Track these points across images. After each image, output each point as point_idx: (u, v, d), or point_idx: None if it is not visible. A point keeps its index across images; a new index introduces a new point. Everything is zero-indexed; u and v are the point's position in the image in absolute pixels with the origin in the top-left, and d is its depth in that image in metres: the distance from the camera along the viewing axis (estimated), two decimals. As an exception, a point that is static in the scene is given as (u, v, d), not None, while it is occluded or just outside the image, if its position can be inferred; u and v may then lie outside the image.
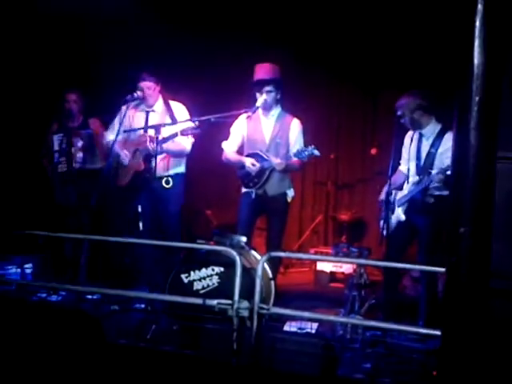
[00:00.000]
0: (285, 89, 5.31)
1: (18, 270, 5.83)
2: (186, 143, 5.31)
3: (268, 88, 5.15)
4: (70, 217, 5.95)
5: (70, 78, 6.53)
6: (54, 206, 6.00)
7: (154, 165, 5.03)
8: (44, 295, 5.24)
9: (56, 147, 5.86)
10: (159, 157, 5.20)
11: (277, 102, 5.27)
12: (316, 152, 4.94)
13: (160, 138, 5.04)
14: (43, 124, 6.22)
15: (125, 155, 5.33)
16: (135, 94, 5.20)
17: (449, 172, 4.39)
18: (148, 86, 5.30)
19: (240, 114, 5.28)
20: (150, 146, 5.05)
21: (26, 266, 5.88)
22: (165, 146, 5.15)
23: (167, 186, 5.29)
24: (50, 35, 6.70)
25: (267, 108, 5.23)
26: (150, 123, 5.31)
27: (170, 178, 5.31)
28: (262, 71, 5.22)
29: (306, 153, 4.96)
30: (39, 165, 6.17)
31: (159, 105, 5.42)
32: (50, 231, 4.90)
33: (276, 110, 5.30)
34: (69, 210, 5.93)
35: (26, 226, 4.91)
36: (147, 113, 5.39)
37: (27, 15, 6.55)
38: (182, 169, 5.46)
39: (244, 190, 5.33)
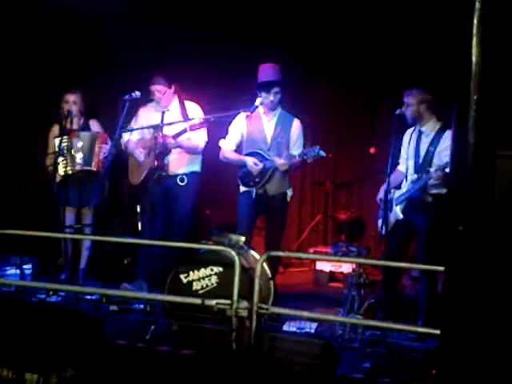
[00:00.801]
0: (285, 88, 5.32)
1: (17, 270, 5.83)
2: (199, 140, 5.44)
3: (276, 89, 5.17)
4: (72, 217, 5.94)
5: (69, 79, 6.53)
6: (55, 207, 5.98)
7: (167, 162, 5.28)
8: (43, 296, 5.24)
9: (57, 149, 5.85)
10: (174, 153, 5.36)
11: (279, 101, 5.28)
12: (322, 153, 4.95)
13: (171, 134, 5.24)
14: (43, 125, 6.22)
15: (139, 152, 5.45)
16: (133, 94, 5.21)
17: (447, 169, 4.41)
18: (158, 90, 5.43)
19: (239, 113, 5.28)
20: (168, 141, 5.22)
21: (25, 266, 5.87)
22: (180, 141, 5.32)
23: (182, 184, 5.38)
24: (51, 36, 6.71)
25: (272, 108, 5.24)
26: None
27: (184, 176, 5.37)
28: (270, 73, 5.22)
29: (312, 153, 4.95)
30: (40, 166, 6.17)
31: (174, 105, 5.54)
32: (51, 232, 4.90)
33: (278, 110, 5.31)
34: (70, 211, 5.92)
35: (26, 227, 4.90)
36: (163, 113, 5.51)
37: (27, 16, 6.55)
38: (196, 167, 5.56)
39: (243, 189, 5.32)
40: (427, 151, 4.78)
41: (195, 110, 5.49)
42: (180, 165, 5.44)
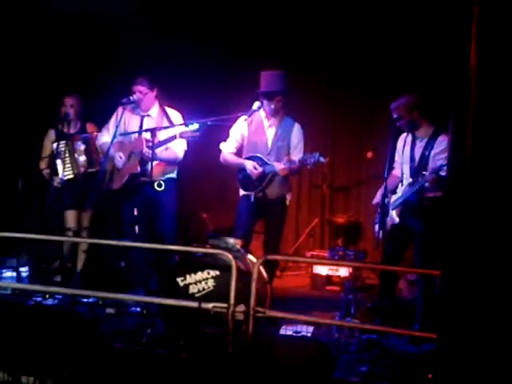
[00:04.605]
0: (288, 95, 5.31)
1: (14, 273, 5.82)
2: (179, 150, 5.34)
3: (278, 98, 5.15)
4: (68, 220, 5.93)
5: (67, 83, 6.54)
6: (53, 209, 5.98)
7: (149, 168, 5.03)
8: (39, 299, 5.23)
9: (55, 153, 5.82)
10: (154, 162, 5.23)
11: (282, 107, 5.27)
12: (322, 159, 4.94)
13: (156, 141, 5.06)
14: (40, 127, 6.21)
15: (119, 157, 5.33)
16: (131, 98, 5.21)
17: (441, 172, 4.42)
18: (140, 90, 5.29)
19: (237, 117, 5.28)
20: (146, 152, 5.05)
21: (22, 269, 5.86)
22: (159, 152, 5.16)
23: (159, 189, 5.29)
24: (48, 39, 6.72)
25: (274, 114, 5.24)
26: (144, 128, 5.29)
27: (161, 182, 5.30)
28: (273, 82, 5.15)
29: (312, 159, 4.95)
30: (36, 169, 6.17)
31: (155, 110, 5.42)
32: (47, 235, 4.89)
33: (279, 115, 5.30)
34: (68, 214, 5.90)
35: (23, 230, 4.88)
36: (142, 117, 5.38)
37: (26, 19, 6.56)
38: (173, 175, 5.48)
39: (243, 192, 5.32)
40: (422, 155, 4.79)
41: (176, 118, 5.37)
42: (159, 171, 5.32)
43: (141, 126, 5.32)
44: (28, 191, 6.49)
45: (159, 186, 5.29)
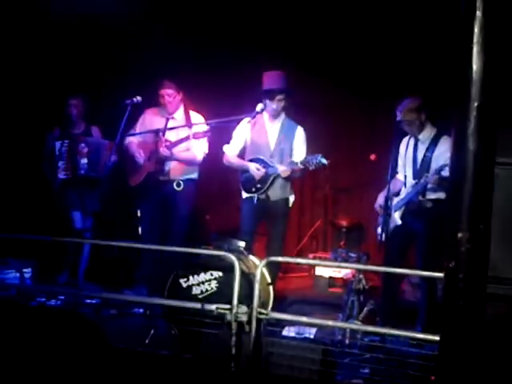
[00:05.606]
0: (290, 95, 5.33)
1: (17, 274, 5.83)
2: (198, 152, 5.46)
3: (280, 97, 5.18)
4: (71, 221, 5.94)
5: (72, 84, 6.55)
6: (54, 210, 5.99)
7: (168, 168, 5.34)
8: (43, 299, 5.24)
9: (57, 152, 5.85)
10: (173, 159, 5.40)
11: (283, 108, 5.29)
12: (324, 161, 4.94)
13: (172, 141, 5.31)
14: (44, 127, 6.23)
15: (139, 154, 5.48)
16: (134, 99, 5.22)
17: (443, 172, 4.43)
18: (169, 94, 5.46)
19: (240, 119, 5.29)
20: (163, 151, 5.26)
21: (25, 270, 5.87)
22: (177, 153, 5.35)
23: (178, 189, 5.43)
24: (55, 40, 6.73)
25: (275, 115, 5.26)
26: None
27: (181, 181, 5.41)
28: (274, 80, 5.20)
29: (314, 161, 4.95)
30: (38, 168, 6.18)
31: (179, 113, 5.57)
32: (50, 235, 4.89)
33: (281, 117, 5.32)
34: (70, 215, 5.91)
35: (25, 230, 4.89)
36: (167, 119, 5.51)
37: (31, 19, 6.56)
38: (194, 175, 5.60)
39: (245, 195, 5.33)
40: (424, 157, 4.80)
41: (199, 121, 5.49)
42: (178, 171, 5.48)
43: (165, 127, 5.45)
44: (32, 191, 6.51)
45: (178, 185, 5.42)
